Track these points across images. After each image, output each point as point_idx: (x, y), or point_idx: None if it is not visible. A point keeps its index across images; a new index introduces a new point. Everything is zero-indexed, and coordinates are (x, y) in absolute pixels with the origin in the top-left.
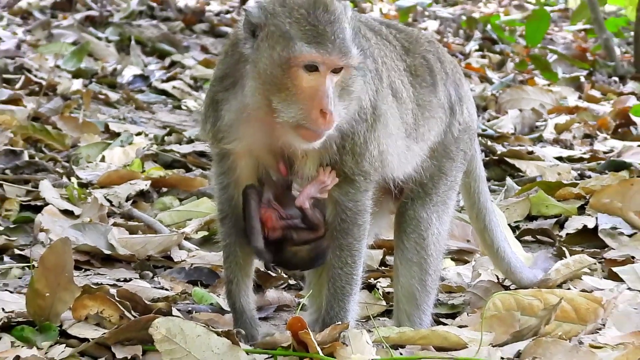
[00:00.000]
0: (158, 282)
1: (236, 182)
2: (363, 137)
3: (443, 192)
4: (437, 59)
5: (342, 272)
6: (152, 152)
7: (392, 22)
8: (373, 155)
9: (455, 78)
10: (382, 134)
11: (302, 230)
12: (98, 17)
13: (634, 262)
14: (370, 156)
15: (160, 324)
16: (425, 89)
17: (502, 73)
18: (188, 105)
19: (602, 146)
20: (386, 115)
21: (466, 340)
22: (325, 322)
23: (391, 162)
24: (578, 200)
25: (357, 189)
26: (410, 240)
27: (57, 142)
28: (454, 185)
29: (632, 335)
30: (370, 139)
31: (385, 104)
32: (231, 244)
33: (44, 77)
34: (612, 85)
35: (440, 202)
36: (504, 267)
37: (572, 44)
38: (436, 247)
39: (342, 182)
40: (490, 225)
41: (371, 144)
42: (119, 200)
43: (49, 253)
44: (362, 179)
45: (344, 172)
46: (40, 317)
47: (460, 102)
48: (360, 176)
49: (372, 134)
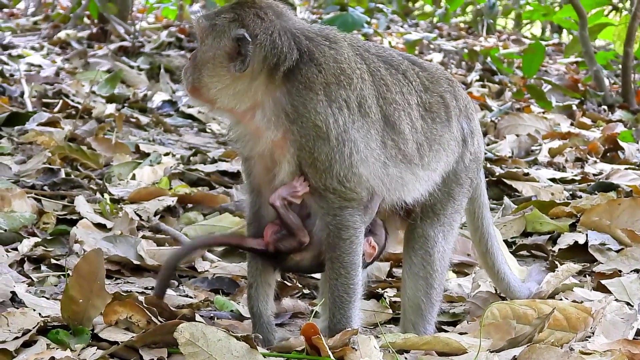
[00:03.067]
0: (183, 291)
1: (252, 186)
2: (325, 156)
3: (450, 214)
4: (453, 96)
5: (337, 283)
6: (179, 171)
7: (418, 60)
8: (341, 175)
9: (468, 113)
10: (352, 158)
11: (287, 238)
12: (130, 48)
13: (621, 276)
14: (337, 175)
15: (184, 328)
16: (438, 124)
17: (500, 101)
18: (212, 129)
19: (592, 169)
20: (357, 142)
21: (466, 346)
22: (331, 328)
23: (377, 185)
24: (570, 218)
25: (330, 204)
26: (418, 256)
27: (92, 161)
28: (459, 209)
29: (619, 343)
30: (335, 159)
31: (360, 133)
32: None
33: (80, 101)
34: (602, 113)
35: (446, 223)
36: (504, 286)
37: (565, 75)
38: (441, 263)
39: (316, 195)
40: (492, 249)
41: (336, 164)
42: (148, 215)
43: (82, 263)
44: (332, 196)
45: (313, 185)
46: (74, 322)
47: (471, 135)
48: (329, 193)
49: (337, 155)
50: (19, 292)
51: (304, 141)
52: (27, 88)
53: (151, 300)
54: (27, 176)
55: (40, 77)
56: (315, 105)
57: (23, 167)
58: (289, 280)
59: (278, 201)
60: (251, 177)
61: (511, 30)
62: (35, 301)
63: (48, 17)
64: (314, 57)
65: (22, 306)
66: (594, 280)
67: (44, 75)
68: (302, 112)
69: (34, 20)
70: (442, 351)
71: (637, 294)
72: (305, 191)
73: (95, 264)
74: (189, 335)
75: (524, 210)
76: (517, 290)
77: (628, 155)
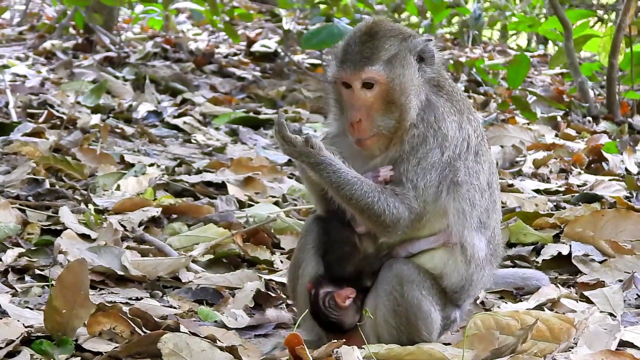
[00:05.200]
0: (167, 301)
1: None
2: (432, 160)
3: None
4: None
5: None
6: (164, 182)
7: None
8: (431, 186)
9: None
10: (451, 188)
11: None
12: (116, 58)
13: (604, 287)
14: (429, 183)
15: (168, 339)
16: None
17: (485, 112)
18: (197, 139)
19: (576, 180)
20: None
21: (449, 356)
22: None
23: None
24: (553, 229)
25: (398, 191)
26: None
27: (76, 171)
28: None
29: (601, 354)
30: (437, 171)
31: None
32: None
33: (65, 112)
34: (586, 125)
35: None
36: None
37: (550, 86)
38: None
39: (393, 182)
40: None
41: (434, 175)
42: (132, 226)
43: (66, 273)
44: (409, 187)
45: (400, 171)
46: (58, 332)
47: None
48: (409, 183)
49: (442, 169)
50: (3, 302)
51: (419, 141)
52: (12, 98)
53: (135, 311)
54: (12, 186)
55: (25, 87)
56: (449, 116)
57: (7, 178)
58: (273, 290)
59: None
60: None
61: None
62: (19, 311)
63: (33, 27)
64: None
65: (6, 316)
66: (578, 291)
67: (29, 85)
68: (438, 118)
69: (20, 30)
70: None
71: (620, 305)
72: (386, 178)
73: (79, 274)
74: (172, 346)
75: (508, 221)
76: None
77: (612, 167)
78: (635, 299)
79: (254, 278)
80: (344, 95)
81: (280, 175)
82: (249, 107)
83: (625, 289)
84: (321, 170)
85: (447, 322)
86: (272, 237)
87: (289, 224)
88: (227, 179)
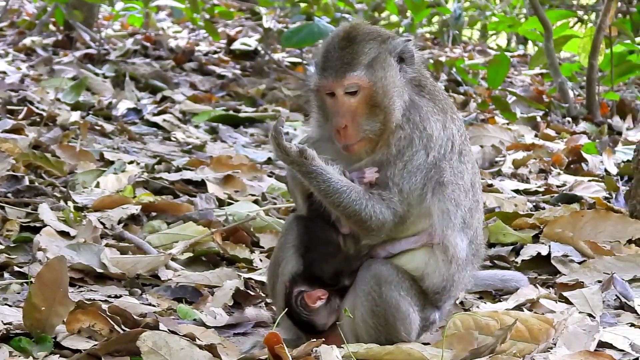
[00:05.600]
0: (146, 299)
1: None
2: (418, 162)
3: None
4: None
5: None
6: (143, 180)
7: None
8: (416, 189)
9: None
10: (436, 189)
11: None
12: (96, 55)
13: (583, 287)
14: (414, 187)
15: (147, 337)
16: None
17: (465, 112)
18: (177, 137)
19: (555, 180)
20: (444, 172)
21: (428, 356)
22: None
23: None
24: (533, 230)
25: (384, 196)
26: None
27: (56, 168)
28: None
29: (580, 354)
30: (422, 173)
31: (452, 172)
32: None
33: (45, 109)
34: (566, 125)
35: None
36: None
37: (530, 86)
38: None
39: (379, 185)
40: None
41: (419, 177)
42: (112, 223)
43: (45, 270)
44: (395, 191)
45: (387, 174)
46: (37, 329)
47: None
48: (395, 188)
49: (428, 171)
50: None
51: (405, 143)
52: None
53: (114, 309)
54: None
55: (5, 83)
56: (433, 116)
57: None
58: (252, 289)
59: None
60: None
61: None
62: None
63: (13, 23)
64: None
65: None
66: (557, 292)
67: (8, 82)
68: (422, 118)
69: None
70: None
71: (599, 305)
72: (372, 180)
73: (58, 271)
74: (151, 344)
75: (488, 222)
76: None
77: (592, 167)
78: (614, 300)
79: (233, 276)
80: (328, 102)
81: (259, 173)
82: (229, 105)
83: (604, 289)
84: (312, 179)
85: (426, 323)
86: (251, 235)
87: (269, 223)
88: (206, 177)
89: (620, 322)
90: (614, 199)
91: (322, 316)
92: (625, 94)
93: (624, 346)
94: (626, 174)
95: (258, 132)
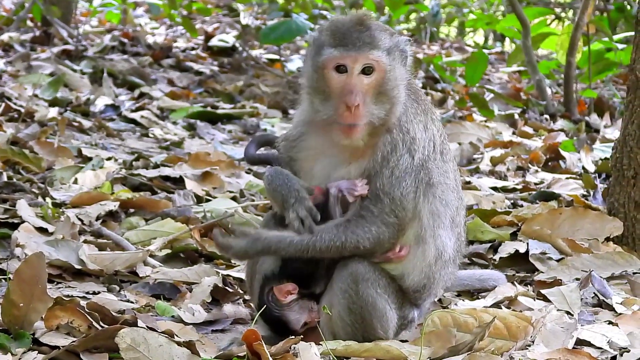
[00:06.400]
0: (124, 296)
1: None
2: (404, 166)
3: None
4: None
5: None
6: (121, 176)
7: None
8: (408, 193)
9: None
10: (427, 190)
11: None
12: (74, 51)
13: (561, 285)
14: (405, 191)
15: (125, 334)
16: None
17: (443, 109)
18: (155, 134)
19: (533, 178)
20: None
21: (407, 354)
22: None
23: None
24: (511, 227)
25: (376, 210)
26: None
27: (34, 164)
28: None
29: (558, 352)
30: (411, 176)
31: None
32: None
33: (23, 104)
34: (544, 123)
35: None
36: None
37: (508, 84)
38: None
39: (369, 198)
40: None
41: (409, 181)
42: (90, 220)
43: (24, 266)
44: (387, 202)
45: (376, 186)
46: (15, 326)
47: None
48: (387, 198)
49: (417, 173)
50: None
51: (390, 148)
52: None
53: (92, 305)
54: None
55: None
56: (416, 117)
57: None
58: (230, 286)
59: (334, 189)
60: (305, 172)
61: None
62: None
63: None
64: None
65: None
66: (535, 290)
67: None
68: (408, 119)
69: None
70: (383, 359)
71: (577, 303)
72: (363, 193)
73: (37, 268)
74: (130, 341)
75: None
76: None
77: (569, 165)
78: (592, 298)
79: (211, 273)
80: (335, 80)
81: (237, 170)
82: (207, 101)
83: (582, 287)
84: (276, 250)
85: (405, 321)
86: (229, 232)
87: (247, 219)
88: (184, 173)
89: (598, 319)
90: (591, 197)
91: (294, 312)
92: (602, 91)
93: (602, 344)
94: (604, 172)
95: (236, 129)
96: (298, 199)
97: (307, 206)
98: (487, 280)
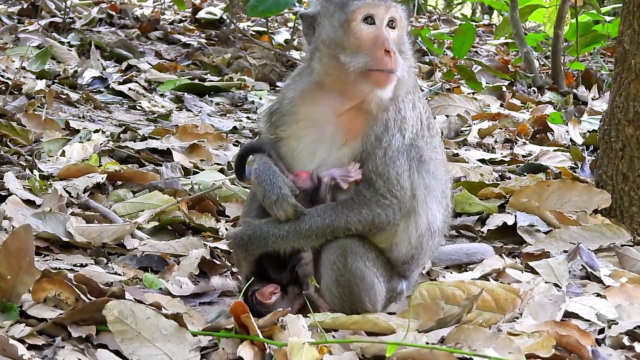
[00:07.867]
0: (112, 268)
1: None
2: (396, 146)
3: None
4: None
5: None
6: (109, 148)
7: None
8: (403, 172)
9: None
10: (420, 167)
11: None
12: (61, 24)
13: (549, 257)
14: (400, 170)
15: (113, 306)
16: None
17: (431, 82)
18: (142, 106)
19: (521, 150)
20: (425, 152)
21: (394, 326)
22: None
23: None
24: (499, 199)
25: (368, 193)
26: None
27: (21, 137)
28: None
29: (546, 324)
30: (404, 155)
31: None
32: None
33: (10, 77)
34: (531, 95)
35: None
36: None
37: (495, 56)
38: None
39: (363, 181)
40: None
41: (402, 160)
42: (77, 192)
43: (11, 239)
44: (381, 183)
45: (369, 168)
46: (2, 298)
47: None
48: (380, 179)
49: (408, 152)
50: None
51: (382, 128)
52: None
53: (80, 277)
54: None
55: None
56: (407, 96)
57: None
58: (217, 258)
59: (327, 178)
60: (292, 152)
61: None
62: None
63: None
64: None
65: None
66: (523, 262)
67: None
68: (399, 98)
69: None
70: (371, 331)
71: (565, 275)
72: (358, 178)
73: (24, 240)
74: (117, 313)
75: (453, 191)
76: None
77: (557, 137)
78: (580, 270)
79: (199, 245)
80: (364, 32)
81: (225, 142)
82: (194, 74)
83: (570, 259)
84: (265, 232)
85: (394, 294)
86: (217, 204)
87: (234, 192)
88: (172, 146)
89: (586, 292)
90: (579, 169)
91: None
92: (590, 64)
93: (590, 316)
94: (592, 144)
95: (223, 101)
96: (281, 197)
97: (292, 203)
98: (474, 254)
